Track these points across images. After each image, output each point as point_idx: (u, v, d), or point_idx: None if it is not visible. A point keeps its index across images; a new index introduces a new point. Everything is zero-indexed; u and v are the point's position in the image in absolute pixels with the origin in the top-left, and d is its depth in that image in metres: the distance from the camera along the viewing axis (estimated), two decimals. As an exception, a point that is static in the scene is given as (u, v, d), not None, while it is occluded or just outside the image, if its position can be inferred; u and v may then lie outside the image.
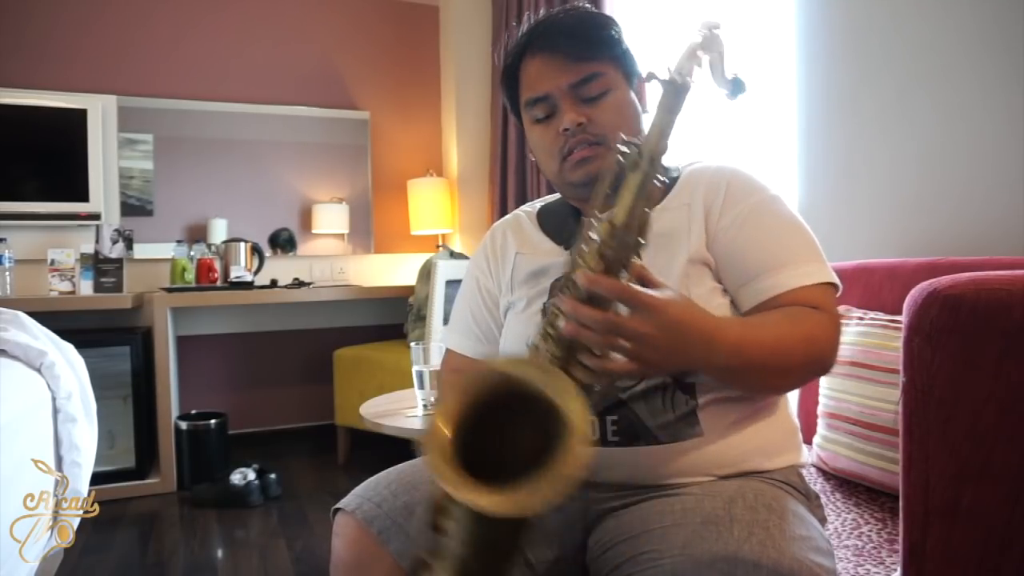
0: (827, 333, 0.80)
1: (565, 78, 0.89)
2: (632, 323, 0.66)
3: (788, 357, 0.77)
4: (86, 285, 2.71)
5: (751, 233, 0.86)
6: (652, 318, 0.66)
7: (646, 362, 0.68)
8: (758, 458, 0.84)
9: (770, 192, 0.89)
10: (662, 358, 0.68)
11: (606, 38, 0.92)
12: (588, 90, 0.89)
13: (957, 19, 1.38)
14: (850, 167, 1.63)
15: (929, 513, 0.66)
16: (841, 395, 1.25)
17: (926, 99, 1.45)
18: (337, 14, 3.48)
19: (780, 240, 0.86)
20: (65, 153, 2.93)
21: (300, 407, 3.38)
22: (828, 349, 0.80)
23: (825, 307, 0.82)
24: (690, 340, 0.69)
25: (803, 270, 0.83)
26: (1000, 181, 1.31)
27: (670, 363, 0.71)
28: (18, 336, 1.37)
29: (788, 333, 0.77)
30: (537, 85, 0.92)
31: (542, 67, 0.91)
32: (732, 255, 0.86)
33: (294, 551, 2.09)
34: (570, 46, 0.89)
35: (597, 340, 0.66)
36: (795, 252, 0.85)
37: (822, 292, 0.83)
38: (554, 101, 0.91)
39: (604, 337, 0.66)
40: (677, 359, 0.70)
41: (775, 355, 0.76)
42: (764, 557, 0.67)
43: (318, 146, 3.42)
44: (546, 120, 0.92)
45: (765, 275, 0.83)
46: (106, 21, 3.07)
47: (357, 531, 0.86)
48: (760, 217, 0.87)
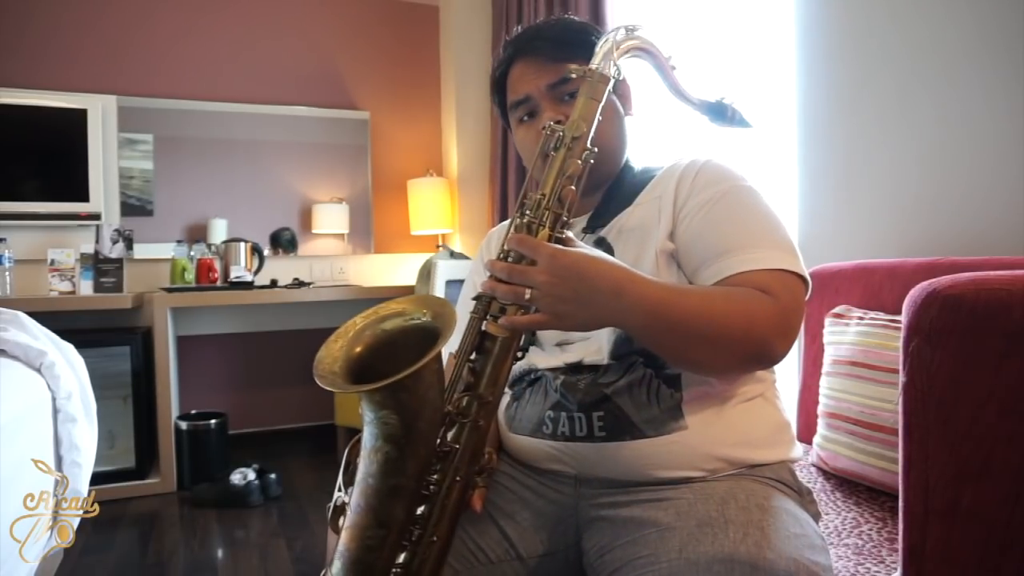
0: (770, 317, 0.75)
1: (544, 79, 0.93)
2: (531, 270, 0.70)
3: (716, 327, 0.73)
4: (86, 285, 2.71)
5: (714, 218, 0.83)
6: (548, 264, 0.69)
7: (554, 312, 0.70)
8: (744, 449, 0.84)
9: (743, 182, 0.87)
10: (569, 308, 0.70)
11: (584, 41, 0.94)
12: (566, 90, 0.92)
13: (957, 19, 1.38)
14: (850, 167, 1.63)
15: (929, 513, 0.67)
16: (841, 395, 1.25)
17: (926, 99, 1.45)
18: (337, 14, 3.48)
19: (742, 225, 0.83)
20: (65, 153, 2.93)
21: (300, 407, 3.38)
22: (771, 334, 0.75)
23: (778, 293, 0.76)
24: (596, 290, 0.69)
25: (761, 254, 0.79)
26: (1000, 181, 1.31)
27: (580, 315, 0.71)
28: (18, 336, 1.37)
29: (720, 305, 0.74)
30: (518, 88, 0.96)
31: (523, 70, 0.95)
32: (691, 240, 0.84)
33: (294, 551, 2.09)
34: (548, 49, 0.94)
35: (508, 292, 0.71)
36: (757, 238, 0.81)
37: (778, 279, 0.78)
38: (535, 102, 0.94)
39: (513, 288, 0.70)
40: (585, 311, 0.70)
41: (699, 321, 0.73)
42: (760, 558, 0.68)
43: (318, 146, 3.42)
44: (528, 120, 0.96)
45: (721, 257, 0.81)
46: (106, 21, 3.07)
47: None
48: (727, 204, 0.84)
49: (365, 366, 0.75)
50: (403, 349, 0.74)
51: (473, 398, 0.74)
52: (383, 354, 0.76)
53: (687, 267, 0.85)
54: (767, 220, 0.84)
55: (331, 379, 0.71)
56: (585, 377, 0.87)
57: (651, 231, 0.88)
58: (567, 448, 0.87)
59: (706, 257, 0.82)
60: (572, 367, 0.88)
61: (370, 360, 0.75)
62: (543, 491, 0.90)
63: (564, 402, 0.87)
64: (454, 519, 0.75)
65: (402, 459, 0.71)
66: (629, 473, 0.84)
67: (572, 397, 0.86)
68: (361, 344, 0.76)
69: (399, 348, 0.75)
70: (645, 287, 0.72)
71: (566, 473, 0.88)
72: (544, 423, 0.89)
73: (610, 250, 0.90)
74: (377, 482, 0.71)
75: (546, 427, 0.88)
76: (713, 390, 0.84)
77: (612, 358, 0.85)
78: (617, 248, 0.90)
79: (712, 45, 2.20)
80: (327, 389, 0.70)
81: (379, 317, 0.78)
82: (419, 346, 0.70)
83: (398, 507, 0.72)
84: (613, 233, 0.92)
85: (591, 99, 0.77)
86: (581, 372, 0.87)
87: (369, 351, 0.76)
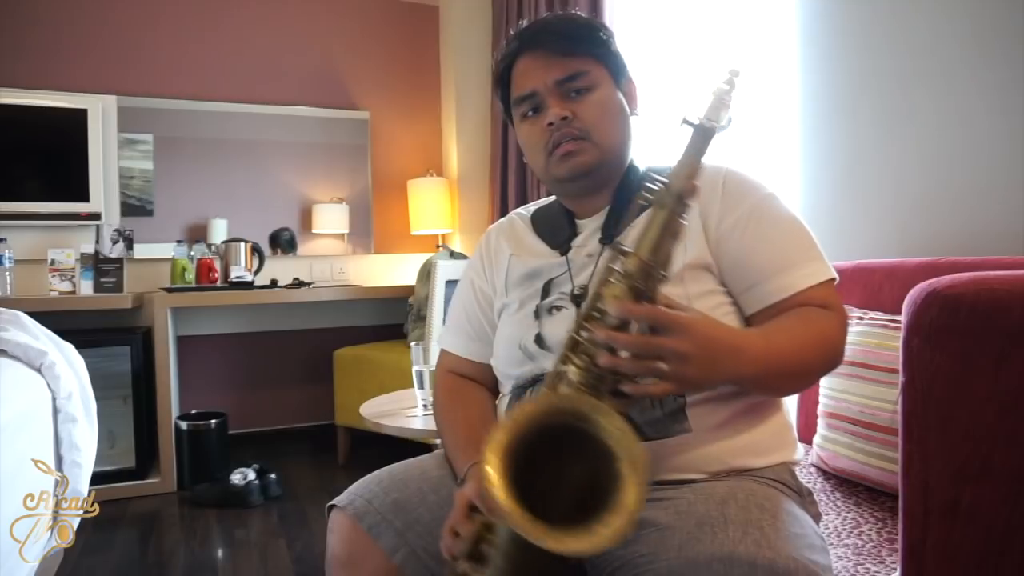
0: (837, 331, 0.83)
1: (551, 74, 0.92)
2: (671, 343, 0.68)
3: (807, 361, 0.80)
4: (86, 285, 2.71)
5: (754, 235, 0.87)
6: (688, 336, 0.68)
7: (684, 380, 0.70)
8: (747, 456, 0.85)
9: (766, 190, 0.90)
10: (699, 375, 0.70)
11: (592, 37, 0.94)
12: (573, 86, 0.91)
13: (957, 20, 1.38)
14: (850, 167, 1.63)
15: (929, 513, 0.66)
16: (841, 395, 1.25)
17: (926, 99, 1.45)
18: (337, 14, 3.48)
19: (782, 241, 0.87)
20: (65, 153, 2.93)
21: (300, 407, 3.38)
22: (840, 346, 0.84)
23: (832, 305, 0.85)
24: (721, 354, 0.71)
25: (807, 270, 0.85)
26: (1000, 181, 1.31)
27: (705, 379, 0.72)
28: (18, 336, 1.37)
29: (805, 338, 0.80)
30: (524, 82, 0.94)
31: (530, 64, 0.94)
32: (737, 259, 0.87)
33: (294, 551, 2.09)
34: (556, 43, 0.92)
35: (636, 366, 0.68)
36: (797, 252, 0.86)
37: (827, 289, 0.85)
38: (541, 97, 0.93)
39: (643, 362, 0.68)
40: (711, 375, 0.72)
41: (796, 361, 0.79)
42: (760, 557, 0.68)
43: (318, 146, 3.42)
44: (533, 116, 0.94)
45: (771, 278, 0.85)
46: (106, 21, 3.07)
47: (349, 527, 0.88)
48: (761, 219, 0.87)
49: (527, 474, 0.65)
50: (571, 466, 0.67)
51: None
52: (547, 463, 0.67)
53: (737, 285, 0.88)
54: (798, 229, 0.89)
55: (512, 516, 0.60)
56: None
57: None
58: None
59: (757, 278, 0.86)
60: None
61: (533, 465, 0.65)
62: None
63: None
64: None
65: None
66: None
67: None
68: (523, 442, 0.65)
69: (566, 464, 0.68)
70: (753, 343, 0.76)
71: None
72: None
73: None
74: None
75: None
76: (717, 395, 0.84)
77: None
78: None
79: (712, 45, 2.20)
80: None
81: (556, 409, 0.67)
82: (592, 470, 0.63)
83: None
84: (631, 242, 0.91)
85: (697, 155, 0.72)
86: None
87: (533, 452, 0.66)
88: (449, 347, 1.10)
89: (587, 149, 0.91)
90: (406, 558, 0.85)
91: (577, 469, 0.68)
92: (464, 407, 1.01)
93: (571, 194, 0.98)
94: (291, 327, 3.36)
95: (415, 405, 1.72)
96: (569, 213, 0.99)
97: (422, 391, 1.69)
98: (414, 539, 0.86)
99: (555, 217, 1.01)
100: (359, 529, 0.87)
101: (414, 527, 0.87)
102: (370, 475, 0.95)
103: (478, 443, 0.91)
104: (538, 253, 0.99)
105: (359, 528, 0.87)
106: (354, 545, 0.87)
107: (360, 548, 0.86)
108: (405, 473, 0.94)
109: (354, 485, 0.93)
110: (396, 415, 1.68)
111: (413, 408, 1.71)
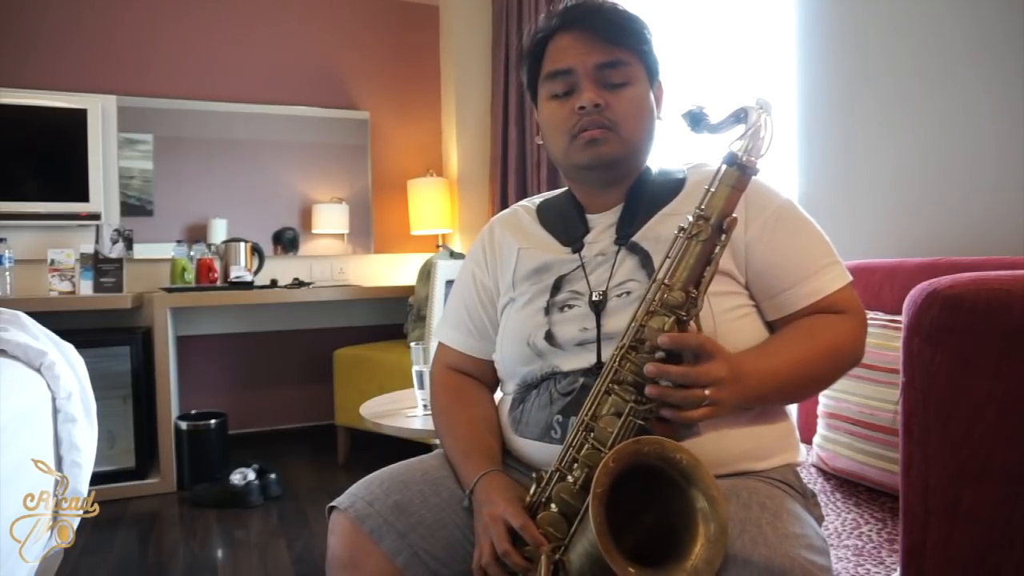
0: (849, 335, 0.86)
1: (593, 57, 0.89)
2: (714, 369, 0.73)
3: (814, 371, 0.84)
4: (86, 285, 2.71)
5: (778, 245, 0.88)
6: (725, 361, 0.74)
7: (722, 404, 0.74)
8: (752, 460, 0.86)
9: (783, 196, 0.92)
10: (732, 397, 0.74)
11: (639, 32, 0.92)
12: (612, 75, 0.90)
13: (957, 19, 1.38)
14: (850, 167, 1.63)
15: (929, 513, 0.66)
16: (841, 395, 1.25)
17: (926, 99, 1.45)
18: (337, 14, 3.48)
19: (803, 249, 0.89)
20: (65, 153, 2.93)
21: (300, 407, 3.38)
22: (854, 350, 0.86)
23: (850, 308, 0.87)
24: (746, 377, 0.76)
25: (827, 277, 0.87)
26: (1000, 181, 1.31)
27: (738, 401, 0.76)
28: (18, 336, 1.37)
29: (811, 350, 0.83)
30: (563, 58, 0.91)
31: (573, 42, 0.91)
32: (764, 266, 0.88)
33: (294, 551, 2.09)
34: (604, 27, 0.90)
35: (682, 395, 0.73)
36: (817, 258, 0.88)
37: (846, 294, 0.88)
38: (576, 78, 0.90)
39: (692, 392, 0.72)
40: (742, 397, 0.76)
41: (802, 373, 0.83)
42: (755, 554, 0.68)
43: (318, 146, 3.42)
44: (563, 96, 0.92)
45: (797, 285, 0.87)
46: (107, 21, 3.07)
47: (350, 529, 0.87)
48: (783, 227, 0.89)
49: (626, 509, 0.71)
50: (657, 507, 0.73)
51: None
52: (641, 504, 0.73)
53: (763, 292, 0.89)
54: (816, 234, 0.91)
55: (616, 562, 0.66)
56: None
57: None
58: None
59: (785, 285, 0.88)
60: (596, 368, 0.86)
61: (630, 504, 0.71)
62: None
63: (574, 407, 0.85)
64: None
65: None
66: None
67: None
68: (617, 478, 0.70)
69: (654, 505, 0.73)
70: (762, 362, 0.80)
71: None
72: (553, 428, 0.88)
73: (647, 257, 0.89)
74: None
75: (555, 432, 0.87)
76: None
77: None
78: (656, 257, 0.88)
79: (712, 45, 2.20)
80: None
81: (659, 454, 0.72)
82: (677, 520, 0.70)
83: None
84: (650, 240, 0.90)
85: (734, 189, 0.76)
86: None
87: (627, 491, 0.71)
88: (448, 341, 1.07)
89: (612, 140, 0.89)
90: (408, 560, 0.85)
91: (659, 510, 0.73)
92: (466, 408, 0.99)
93: (586, 182, 0.97)
94: (291, 327, 3.36)
95: (415, 405, 1.72)
96: (579, 207, 0.98)
97: (422, 391, 1.69)
98: (416, 541, 0.86)
99: (565, 210, 1.00)
100: (360, 532, 0.86)
101: (416, 529, 0.87)
102: (370, 476, 0.94)
103: (484, 450, 0.92)
104: (547, 247, 0.98)
105: (360, 531, 0.86)
106: (355, 547, 0.86)
107: (361, 550, 0.85)
108: (406, 474, 0.93)
109: (354, 486, 0.92)
110: (396, 415, 1.68)
111: (413, 408, 1.71)
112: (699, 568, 0.66)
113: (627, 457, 0.70)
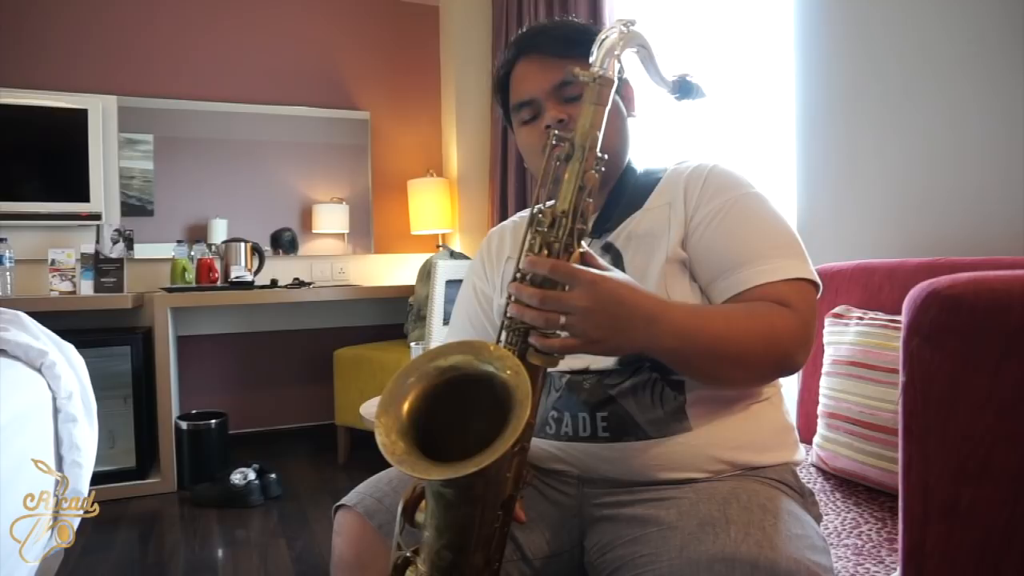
0: (792, 330, 0.79)
1: (549, 78, 0.92)
2: (568, 296, 0.68)
3: (742, 347, 0.77)
4: (86, 285, 2.71)
5: (727, 229, 0.85)
6: (588, 291, 0.68)
7: (588, 338, 0.69)
8: (748, 453, 0.85)
9: (751, 189, 0.89)
10: (604, 334, 0.70)
11: (588, 41, 0.93)
12: (571, 90, 0.91)
13: (957, 19, 1.38)
14: (850, 167, 1.63)
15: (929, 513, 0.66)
16: (841, 395, 1.25)
17: (926, 99, 1.45)
18: (337, 14, 3.48)
19: (755, 235, 0.85)
20: (65, 153, 2.93)
21: (300, 407, 3.38)
22: (793, 346, 0.79)
23: (796, 304, 0.80)
24: (630, 316, 0.71)
25: (776, 264, 0.82)
26: (1000, 181, 1.31)
27: (613, 340, 0.71)
28: (19, 336, 1.37)
29: (743, 324, 0.78)
30: (522, 88, 0.95)
31: (527, 69, 0.95)
32: (705, 251, 0.86)
33: (294, 551, 2.09)
34: (554, 46, 0.93)
35: (539, 317, 0.69)
36: (770, 247, 0.84)
37: (796, 288, 0.81)
38: (539, 103, 0.93)
39: (545, 314, 0.68)
40: (619, 337, 0.71)
41: (726, 343, 0.76)
42: (761, 557, 0.68)
43: (318, 146, 3.42)
44: (532, 122, 0.95)
45: (736, 270, 0.83)
46: (106, 21, 3.07)
47: (358, 526, 0.86)
48: (737, 213, 0.86)
49: (430, 427, 0.67)
50: (471, 405, 0.69)
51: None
52: (449, 410, 0.69)
53: (702, 277, 0.87)
54: (776, 227, 0.86)
55: (405, 461, 0.62)
56: (590, 378, 0.87)
57: (660, 238, 0.88)
58: (571, 448, 0.87)
59: (722, 269, 0.84)
60: (580, 371, 0.87)
61: (435, 417, 0.68)
62: (546, 491, 0.90)
63: (568, 402, 0.87)
64: (506, 536, 0.75)
65: (471, 516, 0.69)
66: (632, 474, 0.84)
67: (576, 397, 0.86)
68: (420, 398, 0.68)
69: (466, 403, 0.69)
70: (674, 313, 0.74)
71: (569, 473, 0.88)
72: (547, 423, 0.89)
73: (619, 256, 0.90)
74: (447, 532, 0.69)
75: (549, 427, 0.88)
76: (718, 394, 0.84)
77: (619, 364, 0.86)
78: (626, 255, 0.90)
79: (711, 45, 2.20)
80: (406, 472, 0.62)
81: (439, 368, 0.69)
82: (488, 404, 0.65)
83: (475, 553, 0.70)
84: (621, 239, 0.91)
85: (598, 105, 0.74)
86: (587, 373, 0.87)
87: (431, 405, 0.68)
88: None
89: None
90: None
91: (479, 415, 0.68)
92: None
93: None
94: (291, 327, 3.36)
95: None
96: None
97: (422, 391, 1.69)
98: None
99: None
100: (369, 528, 0.85)
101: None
102: (377, 475, 0.93)
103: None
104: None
105: (369, 527, 0.85)
106: (362, 545, 0.85)
107: (369, 549, 0.84)
108: None
109: (361, 485, 0.92)
110: (396, 415, 1.68)
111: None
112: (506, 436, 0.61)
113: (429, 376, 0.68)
